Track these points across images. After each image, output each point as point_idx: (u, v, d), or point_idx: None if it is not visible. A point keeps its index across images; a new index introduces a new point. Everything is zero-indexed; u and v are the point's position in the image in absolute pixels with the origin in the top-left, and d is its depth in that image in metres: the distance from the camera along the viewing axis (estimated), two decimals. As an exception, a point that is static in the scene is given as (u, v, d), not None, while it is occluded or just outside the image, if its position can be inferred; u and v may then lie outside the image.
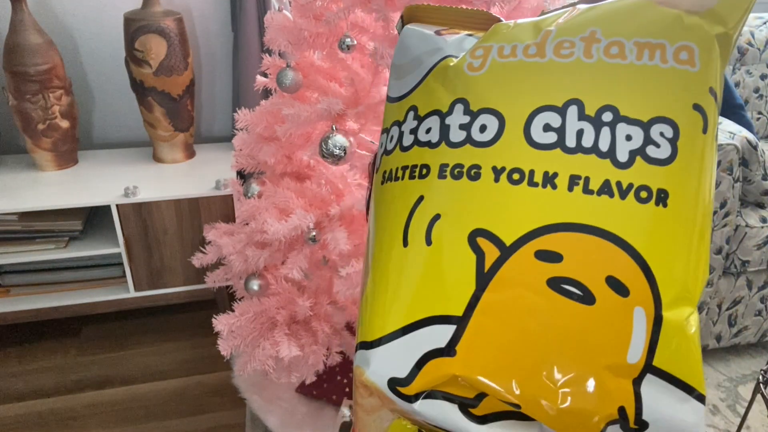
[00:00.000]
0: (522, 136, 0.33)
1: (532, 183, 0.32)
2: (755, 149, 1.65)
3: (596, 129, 0.31)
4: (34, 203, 1.73)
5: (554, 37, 0.33)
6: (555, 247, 0.32)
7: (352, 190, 1.35)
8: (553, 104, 0.32)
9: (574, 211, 0.31)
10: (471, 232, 0.33)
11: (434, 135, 0.35)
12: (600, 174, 0.31)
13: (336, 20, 1.14)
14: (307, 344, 1.39)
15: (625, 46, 0.31)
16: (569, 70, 0.32)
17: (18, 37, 1.76)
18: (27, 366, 1.85)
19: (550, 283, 0.32)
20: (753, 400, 1.46)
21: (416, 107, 0.36)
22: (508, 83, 0.32)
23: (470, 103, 0.34)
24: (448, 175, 0.34)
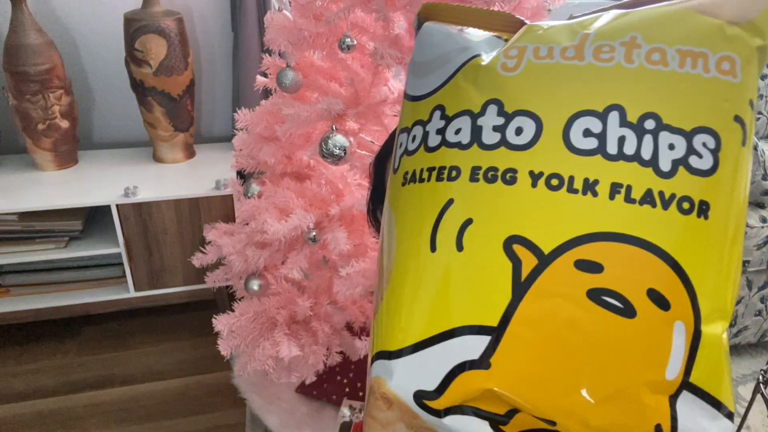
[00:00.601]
0: (561, 141, 0.32)
1: (571, 190, 0.31)
2: (755, 149, 1.65)
3: (638, 136, 0.31)
4: (34, 203, 1.73)
5: (593, 40, 0.33)
6: (596, 257, 0.31)
7: (352, 190, 1.35)
8: (594, 109, 0.31)
9: (616, 221, 0.31)
10: (507, 238, 0.32)
11: (465, 136, 0.34)
12: (642, 183, 0.31)
13: (336, 20, 1.14)
14: (307, 344, 1.39)
15: (667, 53, 0.31)
16: (610, 74, 0.31)
17: (18, 37, 1.76)
18: (27, 366, 1.85)
19: (591, 295, 0.31)
20: (753, 400, 1.46)
21: (443, 107, 0.35)
22: (546, 85, 0.32)
23: (505, 105, 0.33)
24: (480, 178, 0.33)
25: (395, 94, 1.29)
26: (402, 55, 1.15)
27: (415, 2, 1.16)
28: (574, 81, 0.32)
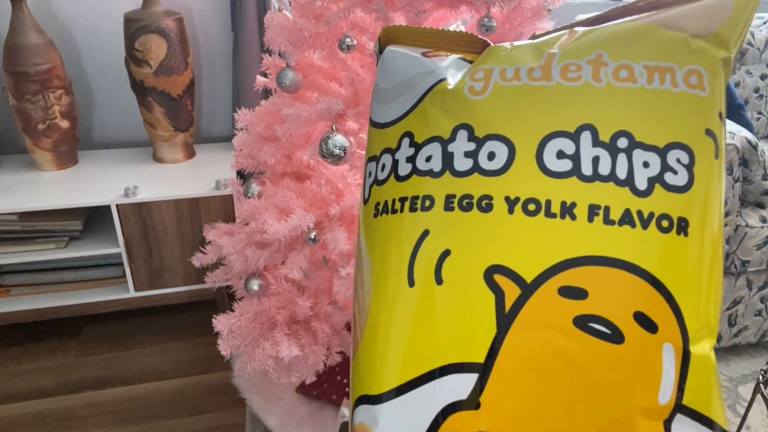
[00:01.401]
0: (535, 164, 0.31)
1: (549, 214, 0.30)
2: (755, 149, 1.65)
3: (612, 156, 0.30)
4: (34, 203, 1.73)
5: (559, 59, 0.32)
6: (579, 282, 0.30)
7: (352, 190, 1.35)
8: (565, 130, 0.31)
9: (596, 244, 0.30)
10: (487, 268, 0.31)
11: (436, 163, 0.32)
12: (620, 203, 0.30)
13: (336, 20, 1.14)
14: (307, 344, 1.39)
15: (635, 70, 0.30)
16: (579, 93, 0.31)
17: (18, 37, 1.76)
18: (27, 366, 1.85)
19: (577, 322, 0.30)
20: (753, 400, 1.46)
21: (412, 133, 0.34)
22: (515, 108, 0.31)
23: (475, 129, 0.32)
24: (456, 207, 0.31)
25: (395, 94, 1.29)
26: (402, 55, 1.15)
27: (415, 2, 1.16)
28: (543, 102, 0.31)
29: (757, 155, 1.66)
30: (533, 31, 1.26)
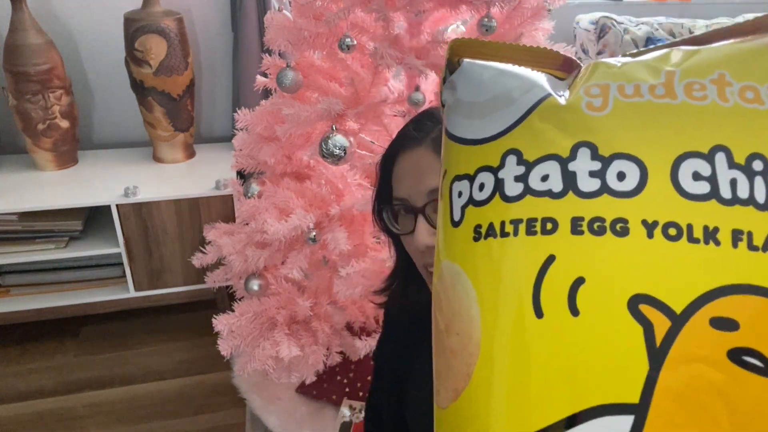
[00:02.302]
0: (671, 186, 0.29)
1: (692, 239, 0.28)
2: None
3: (749, 178, 0.29)
4: (34, 203, 1.73)
5: (680, 77, 0.31)
6: (729, 313, 0.28)
7: (352, 190, 1.35)
8: (699, 150, 0.29)
9: (743, 271, 0.28)
10: (630, 298, 0.28)
11: (555, 183, 0.30)
12: (762, 228, 0.28)
13: (336, 20, 1.14)
14: (307, 344, 1.39)
15: (761, 91, 0.30)
16: (707, 113, 0.30)
17: (18, 37, 1.76)
18: (27, 366, 1.85)
19: (731, 356, 0.28)
20: (753, 400, 1.46)
21: (519, 151, 0.32)
22: (642, 125, 0.30)
23: (599, 147, 0.30)
24: (585, 230, 0.29)
25: (395, 94, 1.29)
26: (402, 55, 1.15)
27: (415, 2, 1.16)
28: (671, 120, 0.30)
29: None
30: (533, 31, 1.26)
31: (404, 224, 0.74)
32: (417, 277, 0.76)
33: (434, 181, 0.68)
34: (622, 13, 2.36)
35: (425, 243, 0.68)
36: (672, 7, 2.55)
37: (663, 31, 2.27)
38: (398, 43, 1.19)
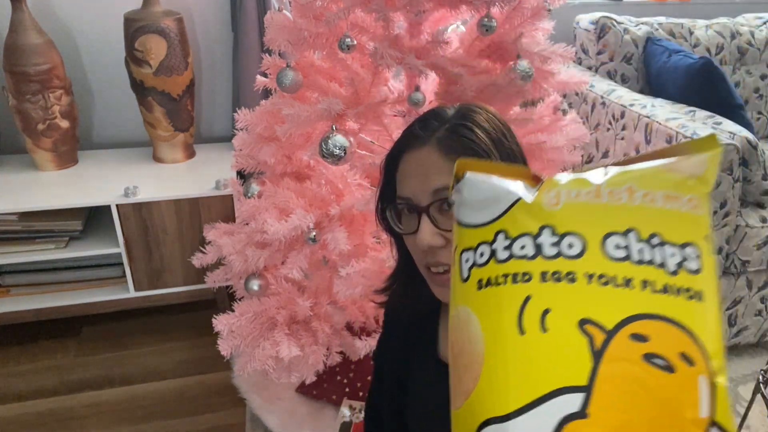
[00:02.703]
0: (601, 252, 0.46)
1: (616, 285, 0.45)
2: (755, 149, 1.65)
3: (651, 248, 0.46)
4: (34, 203, 1.73)
5: (605, 187, 0.48)
6: (642, 330, 0.44)
7: (352, 190, 1.35)
8: (618, 231, 0.47)
9: (650, 305, 0.45)
10: (579, 320, 0.44)
11: (529, 250, 0.47)
12: (660, 279, 0.45)
13: (336, 20, 1.14)
14: (307, 344, 1.39)
15: (656, 196, 0.47)
16: (623, 209, 0.47)
17: (18, 37, 1.76)
18: (27, 366, 1.85)
19: (644, 358, 0.43)
20: (753, 400, 1.46)
21: (506, 230, 0.49)
22: (583, 215, 0.48)
23: (556, 228, 0.48)
24: (549, 279, 0.46)
25: (395, 94, 1.29)
26: (402, 55, 1.15)
27: (415, 2, 1.16)
28: (600, 213, 0.48)
29: (757, 155, 1.66)
30: (533, 31, 1.26)
31: (407, 223, 0.73)
32: (418, 278, 0.76)
33: (439, 181, 0.68)
34: (622, 13, 2.36)
35: (428, 242, 0.69)
36: (672, 7, 2.55)
37: (663, 31, 2.27)
38: (398, 43, 1.19)
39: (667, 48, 2.13)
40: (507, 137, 0.73)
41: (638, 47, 2.24)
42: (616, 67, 2.25)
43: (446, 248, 0.70)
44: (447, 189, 0.67)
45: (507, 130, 0.74)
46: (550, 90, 1.32)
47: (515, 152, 0.73)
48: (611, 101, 2.00)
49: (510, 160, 0.71)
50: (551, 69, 1.27)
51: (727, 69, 2.33)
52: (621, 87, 2.09)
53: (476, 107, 0.75)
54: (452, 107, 0.75)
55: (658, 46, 2.18)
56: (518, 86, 1.20)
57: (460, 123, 0.71)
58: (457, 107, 0.75)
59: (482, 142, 0.70)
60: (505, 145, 0.72)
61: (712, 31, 2.33)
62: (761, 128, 2.43)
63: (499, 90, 1.19)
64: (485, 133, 0.71)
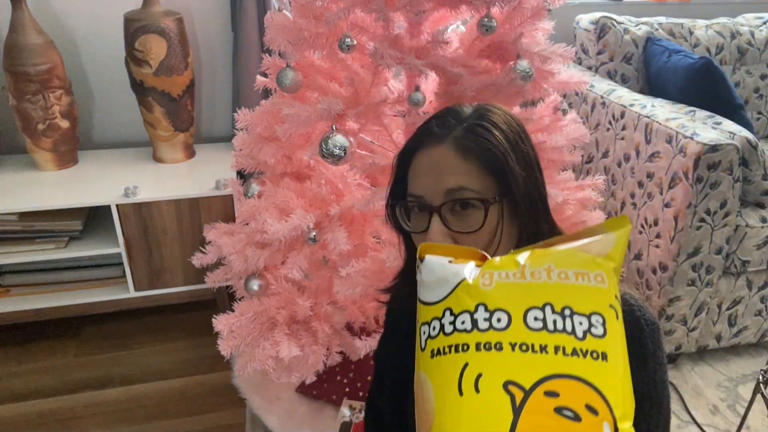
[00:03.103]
0: (523, 324, 0.56)
1: (534, 351, 0.55)
2: (755, 149, 1.65)
3: (563, 319, 0.56)
4: (34, 203, 1.73)
5: (528, 268, 0.59)
6: (554, 388, 0.53)
7: (352, 190, 1.35)
8: (537, 305, 0.57)
9: (561, 367, 0.54)
10: (504, 382, 0.54)
11: (468, 325, 0.57)
12: (570, 344, 0.55)
13: (336, 20, 1.14)
14: (307, 344, 1.39)
15: (569, 273, 0.58)
16: (542, 286, 0.58)
17: (18, 37, 1.76)
18: (27, 366, 1.85)
19: (556, 410, 0.52)
20: (753, 400, 1.46)
21: (451, 308, 0.59)
22: (510, 294, 0.58)
23: (488, 305, 0.57)
24: (482, 349, 0.55)
25: (395, 94, 1.29)
26: (402, 55, 1.15)
27: (415, 2, 1.16)
28: (524, 291, 0.58)
29: (757, 155, 1.66)
30: (533, 30, 1.26)
31: (417, 222, 0.73)
32: None
33: (453, 181, 0.68)
34: (622, 13, 2.36)
35: (437, 243, 0.68)
36: (672, 7, 2.55)
37: (663, 31, 2.27)
38: (398, 43, 1.19)
39: (667, 48, 2.13)
40: (523, 140, 0.72)
41: (638, 47, 2.24)
42: (616, 67, 2.25)
43: None
44: (460, 190, 0.68)
45: (523, 132, 0.73)
46: (550, 90, 1.32)
47: (530, 156, 0.72)
48: (611, 101, 2.00)
49: (525, 163, 0.71)
50: (551, 69, 1.27)
51: (727, 69, 2.33)
52: (621, 87, 2.09)
53: (494, 108, 0.73)
54: (470, 106, 0.74)
55: (658, 46, 2.18)
56: (518, 86, 1.20)
57: (478, 123, 0.70)
58: (475, 107, 0.74)
59: (499, 144, 0.69)
60: (522, 148, 0.71)
61: (712, 31, 2.33)
62: (761, 128, 2.43)
63: (499, 90, 1.19)
64: (503, 135, 0.70)
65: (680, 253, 1.70)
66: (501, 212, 0.70)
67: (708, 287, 1.78)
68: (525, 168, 0.70)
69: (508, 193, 0.69)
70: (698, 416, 1.72)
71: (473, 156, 0.68)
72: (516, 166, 0.69)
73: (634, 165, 1.87)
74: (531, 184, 0.71)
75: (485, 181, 0.69)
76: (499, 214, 0.70)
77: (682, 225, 1.67)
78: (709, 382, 1.87)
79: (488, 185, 0.69)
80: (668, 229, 1.72)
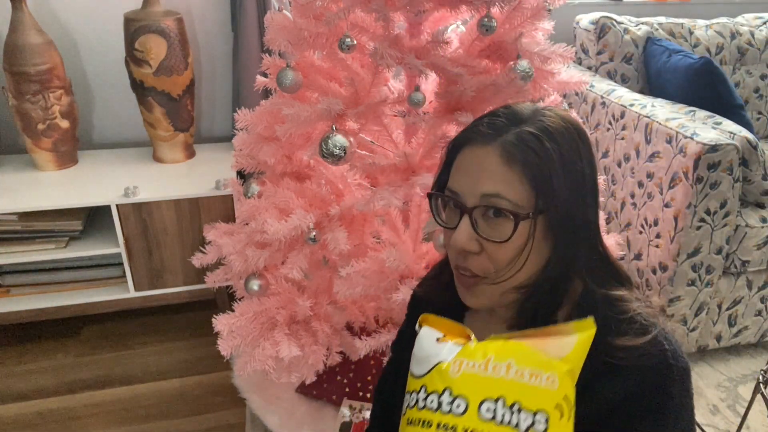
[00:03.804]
0: (477, 413, 0.62)
1: None
2: (755, 149, 1.65)
3: (511, 413, 0.61)
4: (34, 203, 1.73)
5: (492, 361, 0.64)
6: None
7: (352, 190, 1.35)
8: (492, 397, 0.62)
9: None
10: None
11: (434, 405, 0.64)
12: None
13: (336, 20, 1.14)
14: (307, 344, 1.39)
15: (525, 372, 0.63)
16: (499, 380, 0.63)
17: (18, 37, 1.76)
18: (27, 366, 1.85)
19: None
20: (753, 400, 1.46)
21: (425, 386, 0.67)
22: (472, 383, 0.64)
23: (453, 391, 0.64)
24: (441, 428, 0.63)
25: (395, 94, 1.29)
26: (402, 55, 1.15)
27: (415, 2, 1.16)
28: (484, 382, 0.64)
29: (757, 155, 1.66)
30: (533, 30, 1.26)
31: (450, 218, 0.71)
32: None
33: (490, 186, 0.65)
34: (622, 13, 2.36)
35: (462, 245, 0.67)
36: (672, 7, 2.55)
37: (663, 31, 2.27)
38: (398, 43, 1.19)
39: (667, 48, 2.14)
40: (581, 156, 0.67)
41: (638, 47, 2.24)
42: (616, 67, 2.25)
43: (479, 256, 0.68)
44: (496, 197, 0.65)
45: (584, 146, 0.68)
46: (550, 90, 1.32)
47: (584, 175, 0.67)
48: (611, 101, 2.00)
49: (575, 183, 0.66)
50: (551, 69, 1.27)
51: (727, 69, 2.33)
52: (621, 87, 2.09)
53: (554, 114, 0.68)
54: (530, 107, 0.70)
55: (658, 46, 2.18)
56: (518, 86, 1.20)
57: (532, 132, 0.65)
58: (534, 109, 0.69)
59: (548, 158, 0.64)
60: (575, 166, 0.66)
61: (712, 31, 2.33)
62: (761, 128, 2.43)
63: (499, 90, 1.19)
64: (555, 148, 0.65)
65: (680, 253, 1.70)
66: (533, 229, 0.66)
67: (708, 287, 1.78)
68: (573, 188, 0.66)
69: (545, 210, 0.65)
70: (698, 416, 1.72)
71: (517, 165, 0.64)
72: (562, 185, 0.65)
73: (634, 165, 1.87)
74: (576, 205, 0.67)
75: (524, 193, 0.65)
76: (530, 231, 0.66)
77: (682, 225, 1.67)
78: (709, 382, 1.87)
79: (527, 198, 0.65)
80: (668, 229, 1.72)
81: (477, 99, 1.20)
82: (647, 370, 0.65)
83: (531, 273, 0.69)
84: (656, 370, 0.65)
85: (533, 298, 0.71)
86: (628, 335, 0.67)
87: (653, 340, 0.66)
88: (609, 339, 0.66)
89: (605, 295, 0.70)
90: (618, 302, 0.70)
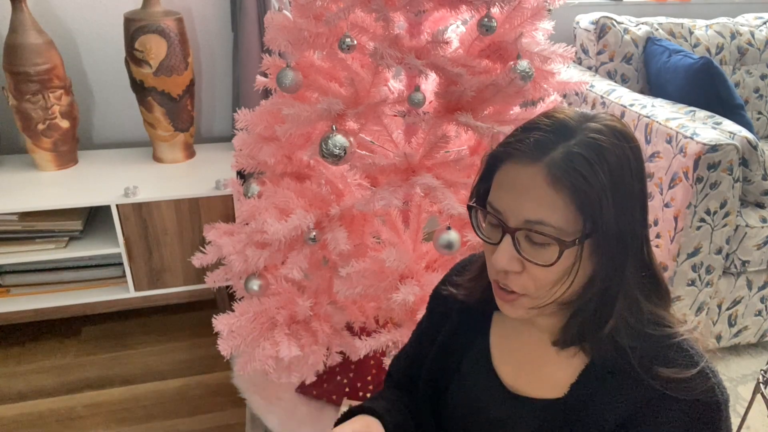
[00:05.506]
0: None
1: None
2: (755, 149, 1.65)
3: None
4: (34, 203, 1.73)
5: None
6: None
7: (352, 190, 1.35)
8: None
9: None
10: None
11: None
12: None
13: (336, 20, 1.14)
14: (307, 344, 1.39)
15: None
16: None
17: (18, 37, 1.76)
18: (27, 366, 1.85)
19: None
20: (753, 400, 1.46)
21: None
22: None
23: None
24: None
25: (395, 94, 1.29)
26: (402, 55, 1.15)
27: (415, 2, 1.16)
28: None
29: (757, 155, 1.66)
30: (533, 31, 1.26)
31: (491, 233, 0.67)
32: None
33: (535, 213, 0.61)
34: (622, 13, 2.36)
35: (502, 265, 0.64)
36: (672, 7, 2.55)
37: (663, 31, 2.27)
38: (398, 43, 1.19)
39: (667, 48, 2.13)
40: (632, 171, 0.63)
41: (638, 47, 2.24)
42: (616, 67, 2.25)
43: (521, 275, 0.65)
44: (539, 223, 0.61)
45: (635, 158, 0.63)
46: (550, 90, 1.32)
47: (634, 190, 0.63)
48: (611, 101, 2.00)
49: (625, 200, 0.62)
50: (551, 69, 1.27)
51: (727, 69, 2.33)
52: (621, 87, 2.09)
53: (606, 125, 0.63)
54: (576, 115, 0.64)
55: (658, 46, 2.18)
56: (518, 86, 1.20)
57: (580, 152, 0.60)
58: (581, 118, 0.64)
59: (598, 182, 0.60)
60: (625, 182, 0.62)
61: (712, 31, 2.33)
62: (761, 128, 2.43)
63: (499, 90, 1.19)
64: (606, 169, 0.60)
65: (680, 253, 1.70)
66: (580, 253, 0.62)
67: (708, 287, 1.78)
68: (623, 205, 0.62)
69: (593, 233, 0.61)
70: (698, 416, 1.72)
71: (565, 189, 0.60)
72: (610, 207, 0.60)
73: (634, 165, 1.87)
74: (625, 222, 0.62)
75: (570, 217, 0.61)
76: (577, 255, 0.62)
77: (682, 225, 1.67)
78: (709, 382, 1.87)
79: (573, 222, 0.61)
80: (668, 229, 1.72)
81: (477, 99, 1.20)
82: (696, 403, 0.64)
83: (575, 290, 0.66)
84: (705, 404, 0.63)
85: (579, 316, 0.68)
86: (677, 364, 0.66)
87: (701, 373, 0.65)
88: (657, 367, 0.65)
89: (652, 313, 0.69)
90: (664, 322, 0.69)
